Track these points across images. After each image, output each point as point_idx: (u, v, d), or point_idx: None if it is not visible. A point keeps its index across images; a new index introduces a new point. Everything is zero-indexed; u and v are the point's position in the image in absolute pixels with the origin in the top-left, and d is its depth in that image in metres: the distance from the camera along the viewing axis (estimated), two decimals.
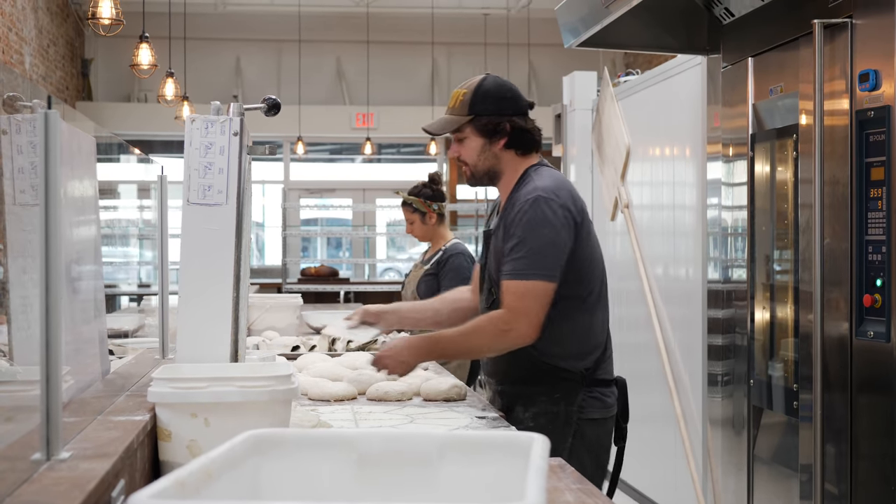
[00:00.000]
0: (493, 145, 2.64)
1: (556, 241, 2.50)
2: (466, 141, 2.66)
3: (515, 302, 2.50)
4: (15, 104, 1.95)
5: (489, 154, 2.65)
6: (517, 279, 2.50)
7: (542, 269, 2.49)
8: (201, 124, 2.11)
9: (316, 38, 13.08)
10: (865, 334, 2.78)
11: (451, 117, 2.67)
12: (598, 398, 2.61)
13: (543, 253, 2.49)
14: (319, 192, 13.83)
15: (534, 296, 2.49)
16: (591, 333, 2.63)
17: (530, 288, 2.49)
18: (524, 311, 2.49)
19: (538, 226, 2.50)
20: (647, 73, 5.35)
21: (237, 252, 2.09)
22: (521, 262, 2.50)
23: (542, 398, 2.58)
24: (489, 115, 2.62)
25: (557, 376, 2.57)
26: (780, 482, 3.36)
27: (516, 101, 2.66)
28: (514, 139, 2.64)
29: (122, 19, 5.41)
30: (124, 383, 2.17)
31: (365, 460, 1.31)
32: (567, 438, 2.57)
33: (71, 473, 1.35)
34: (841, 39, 2.89)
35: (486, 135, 2.64)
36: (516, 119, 2.64)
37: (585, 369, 2.59)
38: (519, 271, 2.50)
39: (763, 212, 3.47)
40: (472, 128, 2.64)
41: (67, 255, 1.82)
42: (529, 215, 2.51)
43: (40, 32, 10.05)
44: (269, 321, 4.60)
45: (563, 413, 2.57)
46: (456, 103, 2.67)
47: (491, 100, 2.63)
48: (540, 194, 2.53)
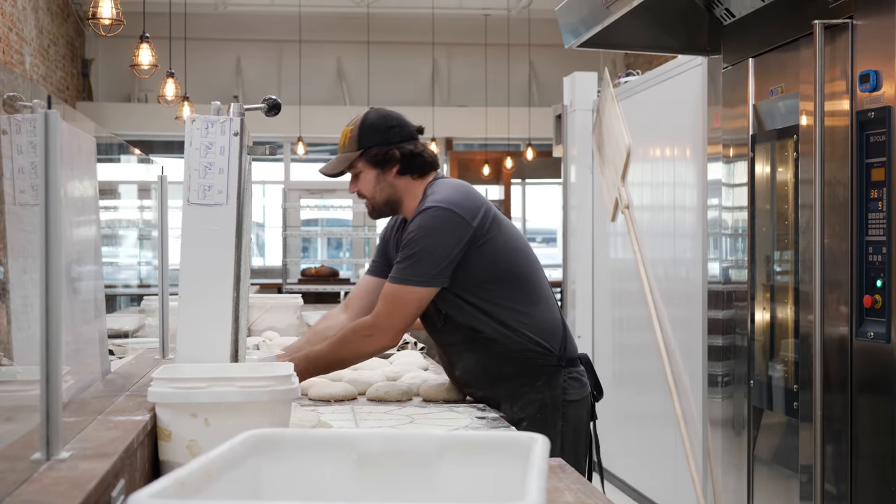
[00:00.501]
0: (387, 174, 2.71)
1: (438, 248, 2.57)
2: (361, 175, 2.73)
3: (382, 307, 2.61)
4: (15, 104, 1.95)
5: (385, 184, 2.72)
6: (393, 283, 2.61)
7: (418, 275, 2.58)
8: (201, 124, 2.11)
9: (316, 38, 13.08)
10: (866, 335, 2.78)
11: (343, 155, 2.75)
12: (576, 378, 2.68)
13: (424, 260, 2.57)
14: (320, 192, 13.82)
15: (404, 301, 2.59)
16: (546, 314, 2.68)
17: (402, 293, 2.59)
18: (387, 317, 2.60)
19: (421, 234, 2.58)
20: (647, 73, 5.35)
21: (237, 252, 2.09)
22: (402, 267, 2.60)
23: (526, 388, 2.63)
24: (377, 146, 2.69)
25: (535, 363, 2.63)
26: (780, 483, 3.36)
27: (402, 128, 2.74)
28: (406, 165, 2.71)
29: (123, 19, 5.41)
30: (124, 383, 2.17)
31: (365, 460, 1.31)
32: (557, 423, 2.62)
33: (71, 473, 1.35)
34: (841, 40, 2.89)
35: (377, 165, 2.71)
36: (405, 145, 2.71)
37: (558, 349, 2.64)
38: (395, 276, 2.61)
39: (763, 212, 3.47)
40: (364, 161, 2.71)
41: (68, 255, 1.82)
42: (418, 223, 2.59)
43: (41, 32, 10.05)
44: (269, 321, 4.60)
45: (550, 399, 2.63)
46: (345, 141, 2.75)
47: (377, 131, 2.71)
48: (429, 205, 2.61)
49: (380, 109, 2.80)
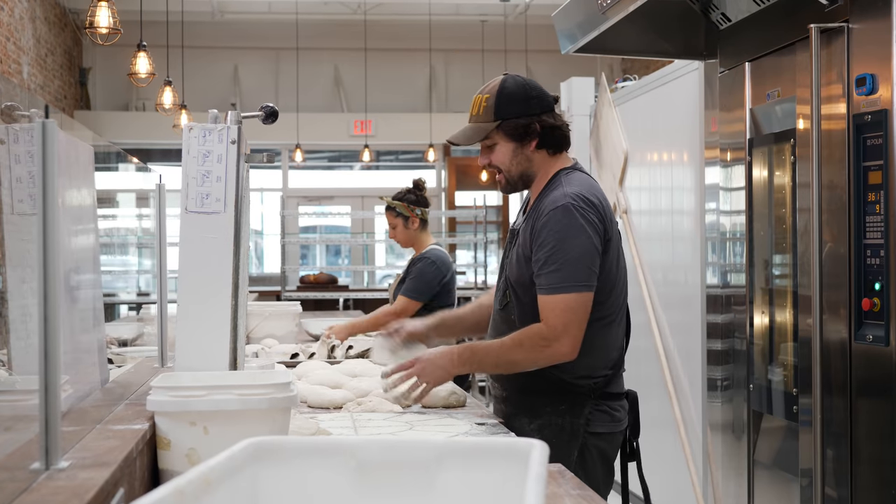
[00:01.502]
0: (525, 148, 2.54)
1: (587, 248, 2.41)
2: (497, 147, 2.55)
3: (553, 318, 2.41)
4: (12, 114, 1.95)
5: (522, 157, 2.55)
6: (554, 293, 2.41)
7: (577, 280, 2.41)
8: (199, 133, 2.11)
9: (313, 45, 13.10)
10: (864, 338, 2.79)
11: (477, 125, 2.56)
12: (607, 412, 2.52)
13: (577, 263, 2.40)
14: (318, 199, 13.84)
15: (573, 309, 2.41)
16: (608, 352, 2.54)
17: (568, 302, 2.40)
18: (563, 328, 2.41)
19: (570, 235, 2.41)
20: (644, 78, 5.36)
21: (235, 260, 2.09)
22: (555, 276, 2.41)
23: (547, 409, 2.51)
24: (517, 118, 2.52)
25: (565, 389, 2.49)
26: (780, 487, 3.36)
27: (542, 99, 2.56)
28: (545, 138, 2.55)
29: (120, 28, 5.42)
30: (123, 392, 2.17)
31: (364, 467, 1.31)
32: (573, 452, 2.48)
33: (70, 482, 1.35)
34: (837, 44, 2.90)
35: (516, 138, 2.53)
36: (545, 117, 2.55)
37: (595, 384, 2.51)
38: (555, 285, 2.41)
39: (761, 216, 3.48)
40: (501, 133, 2.54)
41: (66, 264, 1.82)
42: (561, 224, 2.41)
43: (38, 42, 10.06)
44: (268, 329, 4.59)
45: (569, 426, 2.49)
46: (479, 110, 2.55)
47: (517, 101, 2.53)
48: (570, 201, 2.43)
49: (517, 77, 2.58)
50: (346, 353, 3.77)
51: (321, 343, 3.90)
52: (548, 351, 2.43)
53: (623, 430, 2.57)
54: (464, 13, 12.85)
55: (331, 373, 3.10)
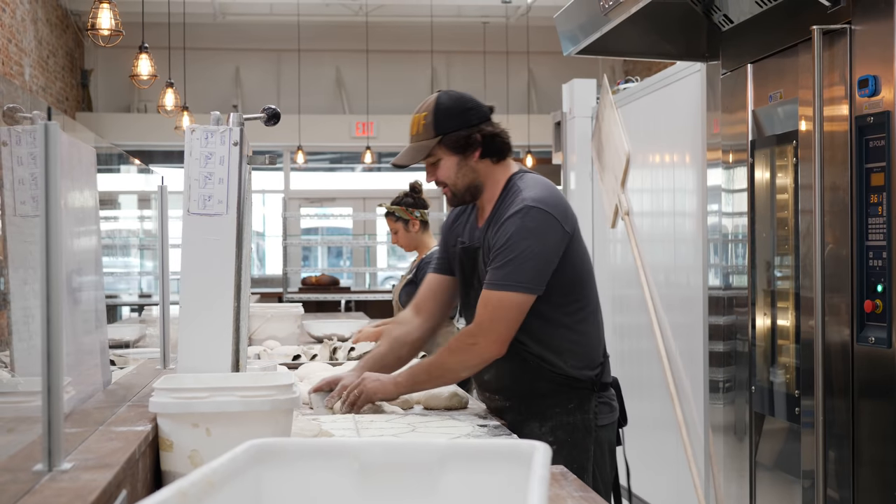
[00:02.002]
0: (469, 159, 2.57)
1: (540, 252, 2.44)
2: (441, 163, 2.59)
3: (484, 314, 2.45)
4: (15, 115, 1.95)
5: (467, 169, 2.58)
6: (493, 289, 2.45)
7: (520, 280, 2.43)
8: (201, 134, 2.12)
9: (315, 47, 13.11)
10: (867, 340, 2.78)
11: (419, 144, 2.59)
12: (607, 402, 2.59)
13: (523, 265, 2.42)
14: (320, 201, 13.85)
15: (505, 307, 2.44)
16: (599, 338, 2.62)
17: (503, 299, 2.43)
18: (490, 325, 2.45)
19: (524, 236, 2.43)
20: (646, 80, 5.36)
21: (238, 262, 2.09)
22: (499, 273, 2.44)
23: (557, 410, 2.52)
24: (457, 131, 2.55)
25: (569, 386, 2.52)
26: (782, 488, 3.36)
27: (478, 109, 2.59)
28: (487, 147, 2.57)
29: (122, 30, 5.42)
30: (126, 394, 2.17)
31: (366, 469, 1.31)
32: (589, 447, 2.51)
33: (72, 484, 1.35)
34: (840, 45, 2.90)
35: (458, 151, 2.56)
36: (484, 126, 2.57)
37: (595, 375, 2.57)
38: (496, 282, 2.45)
39: (763, 218, 3.48)
40: (444, 147, 2.57)
41: (68, 265, 1.82)
42: (517, 224, 2.44)
43: (40, 44, 10.06)
44: (270, 331, 4.60)
45: (581, 422, 2.52)
46: (419, 128, 2.59)
47: (454, 115, 2.56)
48: (528, 203, 2.46)
49: (450, 92, 2.62)
50: (348, 354, 3.77)
51: (323, 345, 3.90)
52: (475, 349, 2.46)
53: (617, 419, 2.64)
54: (465, 15, 12.85)
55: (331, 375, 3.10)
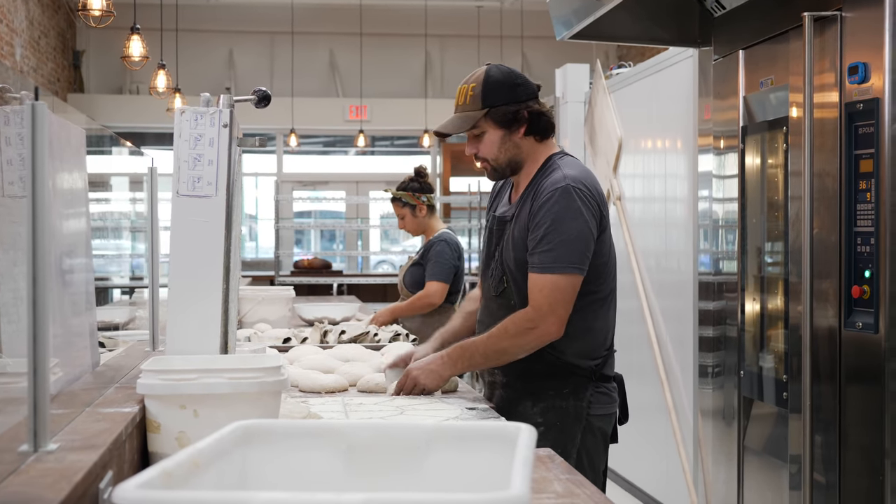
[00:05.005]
0: (514, 134, 2.55)
1: (583, 232, 2.44)
2: (485, 136, 2.57)
3: (541, 298, 2.44)
4: (4, 96, 1.95)
5: (510, 144, 2.56)
6: (543, 272, 2.44)
7: (569, 262, 2.43)
8: (191, 116, 2.11)
9: (309, 30, 13.06)
10: (854, 325, 2.80)
11: (465, 114, 2.56)
12: (605, 393, 2.57)
13: (571, 245, 2.42)
14: (312, 184, 13.82)
15: (561, 289, 2.43)
16: (607, 331, 2.58)
17: (557, 282, 2.43)
18: (549, 308, 2.43)
19: (567, 217, 2.43)
20: (639, 65, 5.36)
21: (227, 244, 2.09)
22: (548, 255, 2.43)
23: (551, 393, 2.53)
24: (505, 105, 2.53)
25: (568, 371, 2.52)
26: (769, 472, 3.38)
27: (527, 86, 2.57)
28: (533, 125, 2.56)
29: (113, 11, 5.39)
30: (114, 375, 2.17)
31: (354, 451, 1.32)
32: (577, 434, 2.52)
33: (58, 465, 1.35)
34: (831, 32, 2.90)
35: (504, 125, 2.54)
36: (531, 104, 2.56)
37: (595, 365, 2.55)
38: (546, 265, 2.43)
39: (754, 204, 3.48)
40: (490, 121, 2.55)
41: (57, 247, 1.82)
42: (560, 205, 2.43)
43: (31, 24, 10.01)
44: (261, 313, 4.60)
45: (573, 408, 2.53)
46: (466, 99, 2.56)
47: (503, 89, 2.54)
48: (570, 183, 2.45)
49: (501, 66, 2.60)
50: (339, 338, 3.77)
51: (314, 328, 3.91)
52: (534, 332, 2.45)
53: (615, 411, 2.62)
54: None
55: (323, 357, 3.10)
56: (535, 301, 2.45)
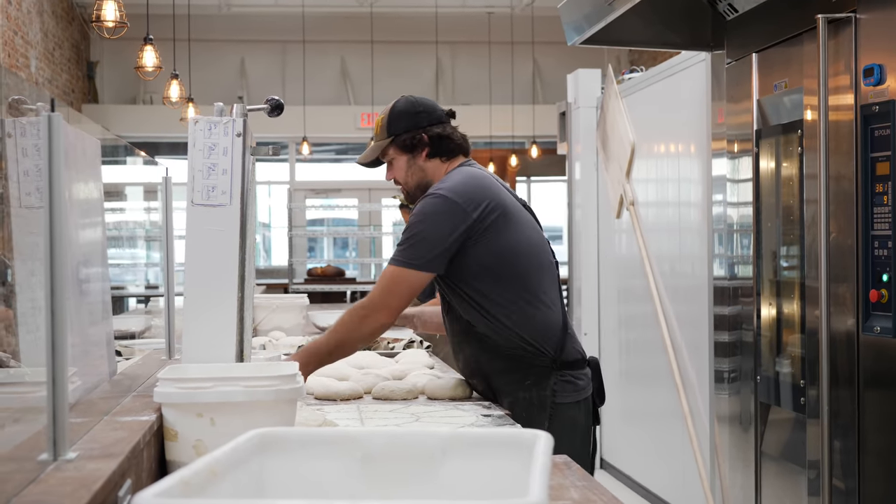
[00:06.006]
0: (417, 158, 2.76)
1: (433, 234, 2.60)
2: (394, 162, 2.79)
3: (378, 288, 2.65)
4: (20, 107, 1.96)
5: (416, 168, 2.77)
6: (391, 264, 2.65)
7: (411, 258, 2.60)
8: (204, 125, 2.12)
9: (320, 38, 13.10)
10: (872, 330, 2.78)
11: (375, 144, 2.81)
12: (570, 381, 2.65)
13: (419, 245, 2.60)
14: (325, 192, 13.84)
15: (396, 282, 2.62)
16: (550, 316, 2.66)
17: (395, 274, 2.62)
18: (383, 298, 2.63)
19: (422, 220, 2.62)
20: (651, 70, 5.35)
21: (241, 253, 2.10)
22: (397, 250, 2.65)
23: (514, 386, 2.64)
24: (406, 132, 2.75)
25: (526, 362, 2.63)
26: (787, 478, 3.36)
27: (430, 112, 2.77)
28: (434, 147, 2.75)
29: (126, 22, 5.42)
30: (131, 384, 2.18)
31: (369, 459, 1.32)
32: (544, 423, 2.60)
33: (77, 473, 1.36)
34: (845, 34, 2.89)
35: (407, 150, 2.76)
36: (432, 128, 2.75)
37: (551, 353, 2.63)
38: (394, 258, 2.65)
39: (768, 208, 3.47)
40: (395, 147, 2.77)
41: (74, 257, 1.82)
42: (420, 211, 2.64)
43: (46, 36, 10.07)
44: (275, 321, 4.61)
45: (537, 398, 2.63)
46: (377, 130, 2.81)
47: (405, 117, 2.76)
48: (432, 191, 2.65)
49: (409, 97, 2.84)
50: None
51: None
52: (367, 321, 2.65)
53: (589, 397, 2.71)
54: (470, 5, 12.82)
55: (338, 365, 3.10)
56: (374, 290, 2.68)
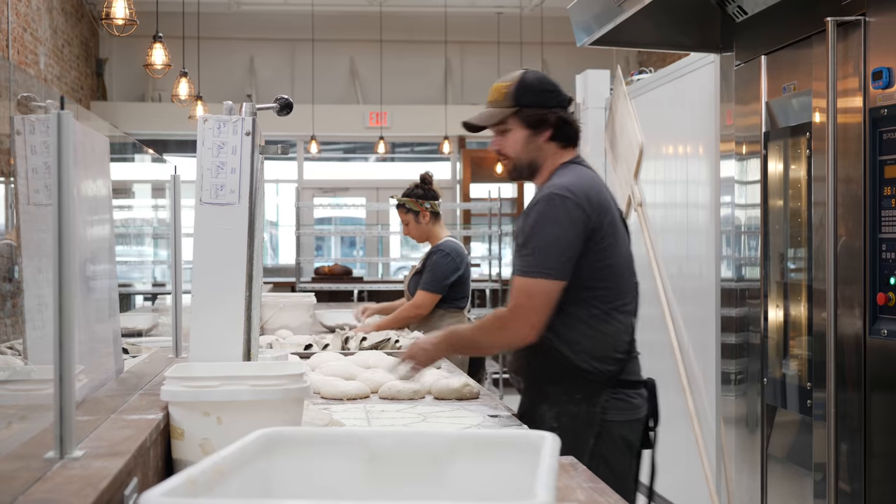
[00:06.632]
0: (538, 137, 2.63)
1: (561, 238, 2.47)
2: (510, 133, 2.64)
3: (518, 300, 2.50)
4: (29, 104, 1.96)
5: (533, 146, 2.64)
6: (520, 276, 2.50)
7: (546, 267, 2.47)
8: (213, 124, 2.12)
9: (329, 37, 13.10)
10: (879, 332, 2.77)
11: (494, 109, 2.64)
12: (624, 399, 2.56)
13: (548, 251, 2.47)
14: (333, 190, 13.85)
15: (532, 295, 2.48)
16: (619, 335, 2.57)
17: (530, 286, 2.48)
18: (524, 310, 2.49)
19: (547, 223, 2.48)
20: (659, 71, 5.34)
21: (249, 251, 2.10)
22: (528, 260, 2.49)
23: (564, 398, 2.54)
24: (534, 107, 2.62)
25: (580, 377, 2.53)
26: (793, 481, 3.35)
27: (558, 94, 2.65)
28: (557, 131, 2.64)
29: (136, 19, 5.43)
30: (138, 382, 2.18)
31: (376, 458, 1.32)
32: (589, 439, 2.52)
33: (84, 471, 1.36)
34: (854, 37, 2.88)
35: (530, 126, 2.63)
36: (559, 111, 2.64)
37: (610, 371, 2.55)
38: (525, 269, 2.50)
39: (776, 210, 3.46)
40: (517, 119, 2.63)
41: (81, 254, 1.83)
42: (541, 212, 2.50)
43: (55, 33, 10.09)
44: (282, 320, 4.61)
45: (585, 414, 2.53)
46: (499, 96, 2.64)
47: (535, 92, 2.63)
48: (555, 191, 2.51)
49: (537, 71, 2.69)
50: (360, 344, 3.78)
51: (335, 334, 3.91)
52: (504, 333, 2.54)
53: (643, 417, 2.61)
54: (479, 5, 12.82)
55: (344, 364, 3.11)
56: (512, 301, 2.54)
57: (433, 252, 4.73)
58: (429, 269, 4.66)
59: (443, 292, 4.63)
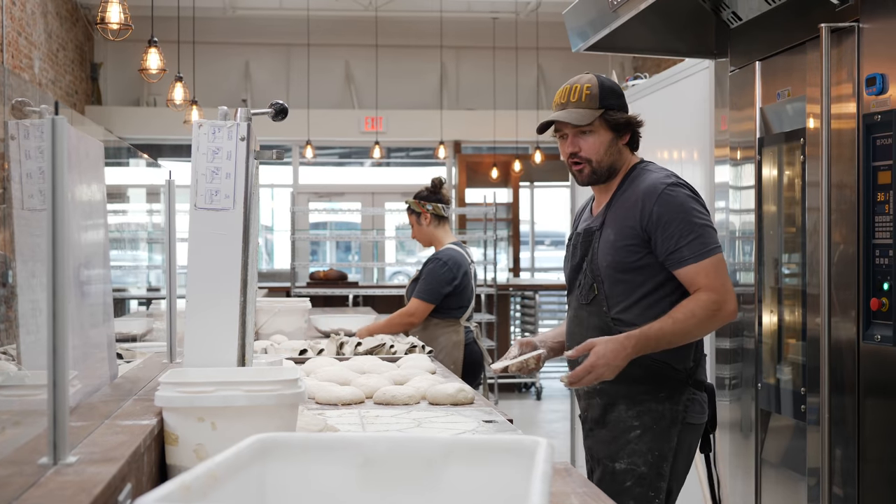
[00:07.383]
0: (620, 140, 2.65)
1: (706, 217, 2.56)
2: (594, 135, 2.62)
3: (713, 280, 2.50)
4: (23, 109, 1.96)
5: (615, 149, 2.64)
6: (702, 259, 2.50)
7: (714, 243, 2.53)
8: (208, 129, 2.12)
9: (325, 41, 13.11)
10: (873, 338, 2.78)
11: (584, 110, 2.61)
12: (699, 401, 2.58)
13: (706, 229, 2.52)
14: (328, 195, 13.85)
15: (722, 269, 2.52)
16: None
17: (717, 263, 2.51)
18: (723, 286, 2.51)
19: (688, 207, 2.52)
20: (654, 76, 5.35)
21: (244, 256, 2.10)
22: (696, 244, 2.50)
23: (646, 397, 2.53)
24: (618, 110, 2.64)
25: (663, 374, 2.52)
26: (787, 486, 3.35)
27: (625, 99, 2.71)
28: (634, 136, 2.67)
29: (131, 24, 5.43)
30: (132, 387, 2.18)
31: (371, 464, 1.32)
32: (672, 439, 2.52)
33: (77, 477, 1.36)
34: (848, 43, 2.89)
35: (615, 129, 2.63)
36: (632, 116, 2.67)
37: (688, 368, 2.55)
38: (700, 252, 2.50)
39: (770, 215, 3.47)
40: (603, 122, 2.62)
41: (76, 259, 1.83)
42: (677, 201, 2.52)
43: (49, 37, 10.09)
44: (277, 325, 4.60)
45: (669, 412, 2.52)
46: (581, 97, 2.61)
47: (615, 95, 2.65)
48: (674, 180, 2.57)
49: (603, 76, 2.71)
50: (355, 349, 3.78)
51: (330, 339, 3.91)
52: (719, 314, 2.51)
53: (704, 422, 2.63)
54: (475, 10, 12.84)
55: (339, 369, 3.11)
56: (709, 285, 2.50)
57: (430, 260, 4.72)
58: (424, 278, 4.66)
59: (436, 302, 4.61)
